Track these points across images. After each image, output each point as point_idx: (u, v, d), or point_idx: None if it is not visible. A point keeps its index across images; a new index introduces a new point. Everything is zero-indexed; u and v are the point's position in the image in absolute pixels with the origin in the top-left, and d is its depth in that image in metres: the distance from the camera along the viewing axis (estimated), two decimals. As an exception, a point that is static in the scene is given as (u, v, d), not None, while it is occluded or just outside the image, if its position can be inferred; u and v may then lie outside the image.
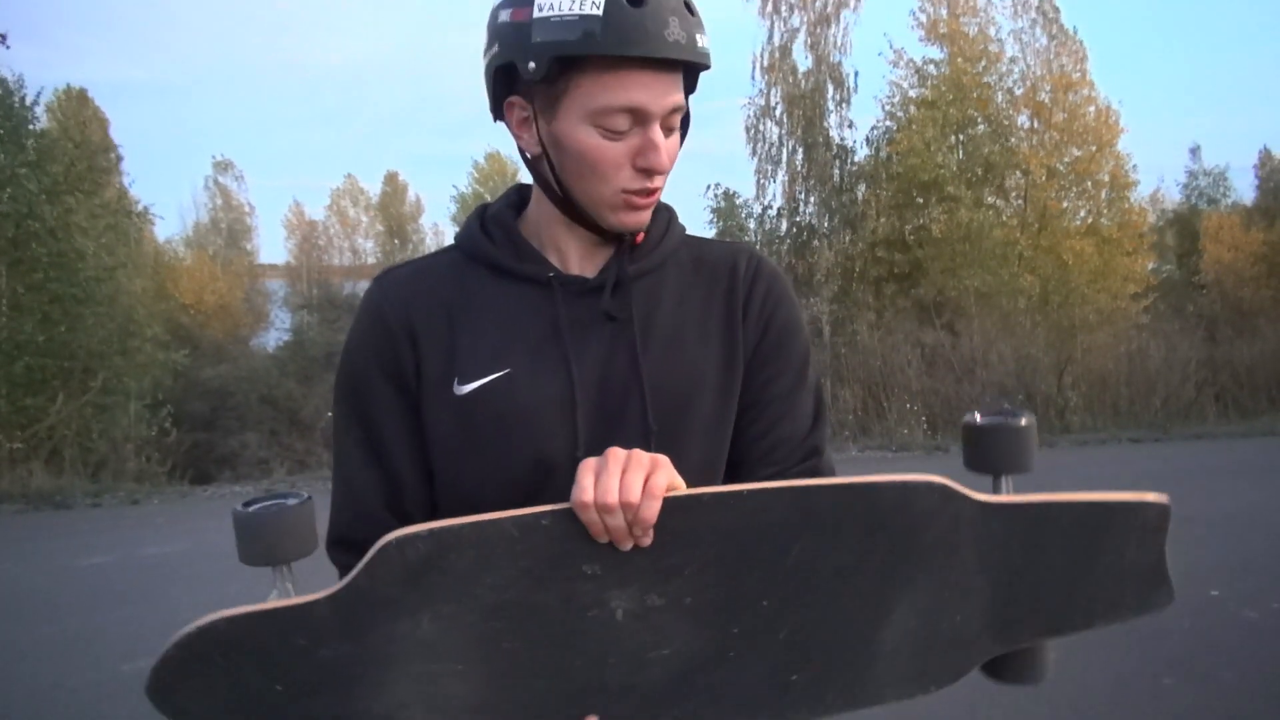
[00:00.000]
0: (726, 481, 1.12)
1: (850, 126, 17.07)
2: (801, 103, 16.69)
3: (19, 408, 10.23)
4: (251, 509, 0.95)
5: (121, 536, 6.99)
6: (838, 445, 11.26)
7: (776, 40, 17.01)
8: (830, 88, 16.91)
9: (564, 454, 1.02)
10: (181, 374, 14.16)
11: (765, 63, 17.05)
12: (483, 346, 1.04)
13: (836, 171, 16.89)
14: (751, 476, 1.08)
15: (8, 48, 11.46)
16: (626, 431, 1.03)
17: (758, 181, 17.17)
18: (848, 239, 16.37)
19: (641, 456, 0.85)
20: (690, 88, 1.02)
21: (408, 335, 1.04)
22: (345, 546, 1.06)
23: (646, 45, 0.92)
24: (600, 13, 0.91)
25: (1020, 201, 16.86)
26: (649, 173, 0.98)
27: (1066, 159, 16.91)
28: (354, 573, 0.85)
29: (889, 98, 17.07)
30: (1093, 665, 3.97)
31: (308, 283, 32.37)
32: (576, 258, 1.07)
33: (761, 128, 17.17)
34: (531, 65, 0.95)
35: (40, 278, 10.78)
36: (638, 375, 1.03)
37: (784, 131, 17.03)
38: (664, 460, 0.86)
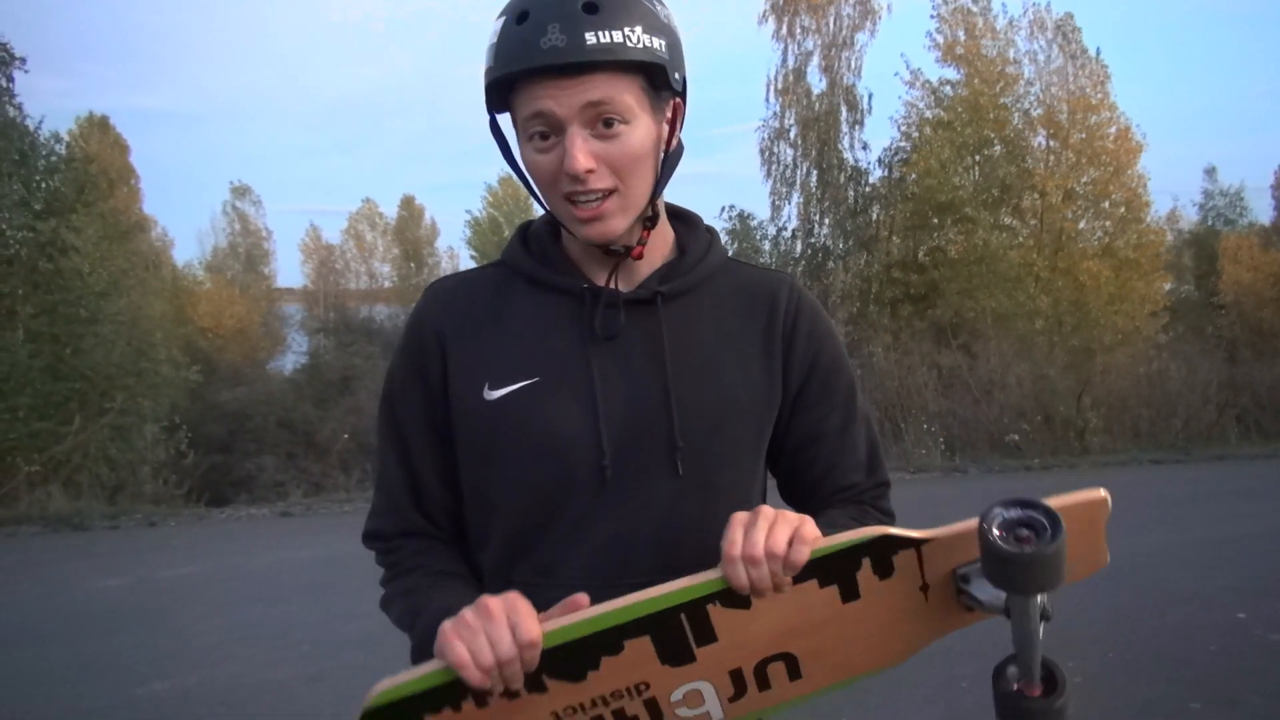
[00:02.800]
0: (797, 508, 1.15)
1: (865, 148, 17.13)
2: (816, 125, 16.75)
3: (34, 432, 10.29)
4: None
5: (139, 559, 7.00)
6: (854, 467, 11.17)
7: (790, 63, 17.13)
8: (844, 110, 16.96)
9: (588, 465, 1.03)
10: (199, 397, 14.23)
11: (779, 85, 17.14)
12: (515, 354, 1.06)
13: (851, 193, 16.92)
14: (827, 512, 1.10)
15: (26, 71, 11.68)
16: (653, 447, 1.03)
17: (772, 203, 17.25)
18: (863, 260, 16.35)
19: (789, 514, 0.90)
20: (660, 84, 1.00)
21: (439, 344, 1.09)
22: (374, 537, 1.14)
23: (523, 58, 0.95)
24: (496, 39, 0.98)
25: (1036, 223, 16.80)
26: (574, 176, 0.98)
27: (1084, 179, 16.85)
28: None
29: (904, 119, 17.11)
30: (1119, 691, 3.91)
31: (324, 306, 32.59)
32: (602, 270, 1.08)
33: (776, 150, 17.26)
34: (484, 99, 1.02)
35: (51, 300, 10.87)
36: (666, 392, 1.04)
37: (798, 153, 17.09)
38: (809, 520, 0.91)
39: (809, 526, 0.90)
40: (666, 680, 0.95)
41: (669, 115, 1.04)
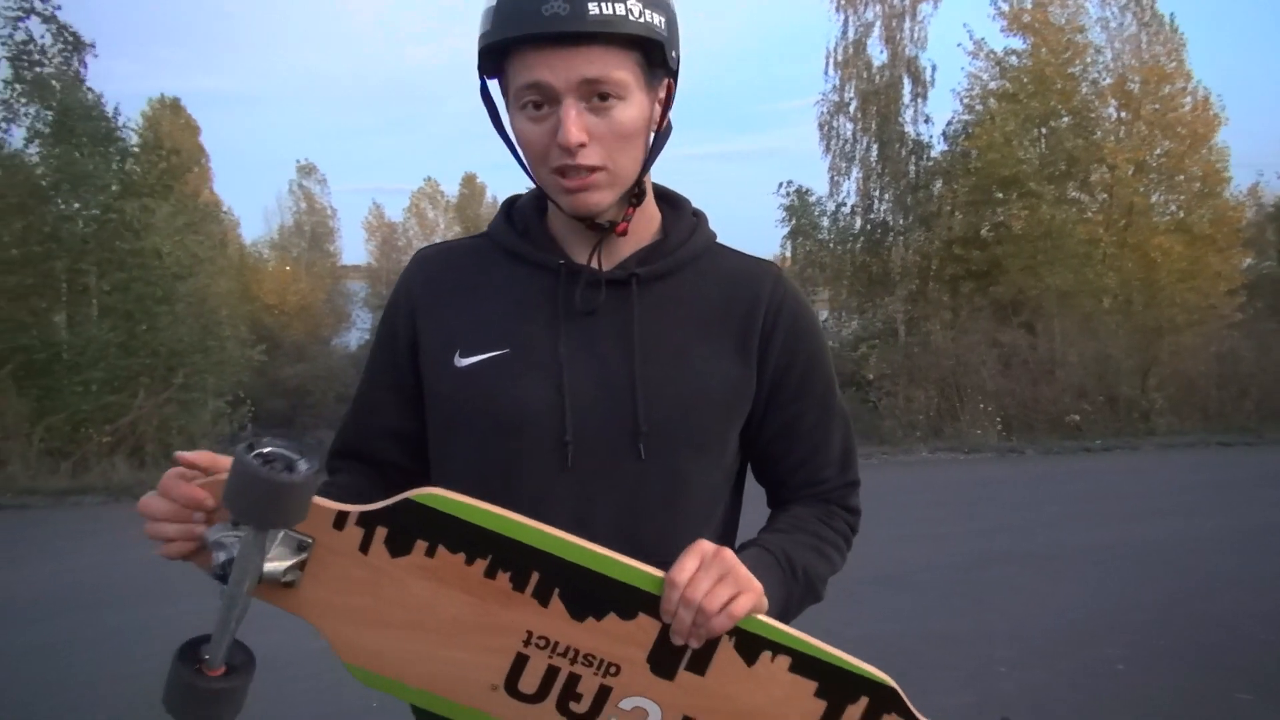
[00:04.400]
0: (770, 502, 1.19)
1: (927, 121, 16.73)
2: (876, 98, 16.41)
3: (105, 404, 10.66)
4: (262, 463, 0.82)
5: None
6: (908, 446, 11.04)
7: (851, 35, 16.79)
8: (907, 82, 16.59)
9: (550, 441, 1.03)
10: (262, 373, 14.60)
11: (839, 58, 16.82)
12: (489, 325, 1.07)
13: (912, 167, 16.56)
14: (795, 504, 1.15)
15: (95, 56, 12.01)
16: (617, 430, 1.03)
17: (831, 179, 16.96)
18: (923, 237, 16.01)
19: (740, 573, 0.92)
20: (657, 60, 0.99)
21: (411, 309, 1.12)
22: (330, 455, 1.19)
23: (522, 24, 0.93)
24: (495, 1, 0.96)
25: (1105, 197, 16.26)
26: (566, 149, 0.96)
27: (1157, 152, 16.25)
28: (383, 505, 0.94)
29: (967, 91, 16.64)
30: (1166, 679, 3.80)
31: (387, 284, 33.04)
32: (584, 247, 1.07)
33: (835, 124, 16.96)
34: (477, 62, 1.00)
35: (125, 278, 11.23)
36: (631, 374, 1.03)
37: (858, 128, 16.77)
38: (758, 587, 0.93)
39: (749, 600, 0.91)
40: (636, 680, 0.96)
41: (661, 94, 1.03)
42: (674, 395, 1.04)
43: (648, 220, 1.10)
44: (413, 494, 0.92)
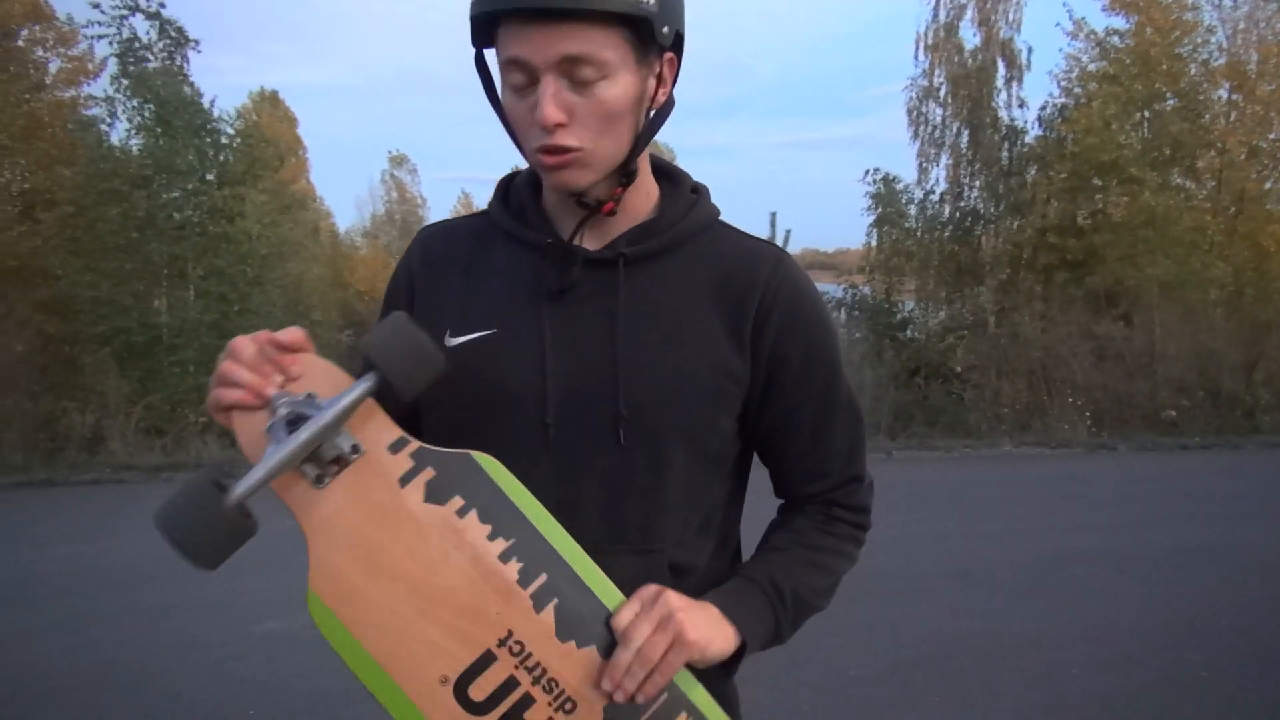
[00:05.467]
0: (776, 491, 1.16)
1: (1021, 106, 16.13)
2: (967, 82, 15.90)
3: (200, 384, 11.11)
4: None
5: (276, 506, 7.46)
6: (993, 440, 10.73)
7: (942, 18, 16.28)
8: (1000, 65, 16.02)
9: (532, 422, 1.01)
10: (351, 356, 15.01)
11: (929, 42, 16.35)
12: (480, 305, 1.05)
13: (1005, 153, 15.99)
14: (796, 501, 1.13)
15: (199, 51, 12.49)
16: (598, 414, 1.00)
17: (920, 165, 16.48)
18: (1015, 225, 15.47)
19: (679, 626, 0.91)
20: (649, 36, 0.95)
21: (409, 287, 1.11)
22: None
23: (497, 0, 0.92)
24: None
25: (1214, 183, 15.44)
26: (545, 128, 0.94)
27: (1272, 135, 15.35)
28: None
29: (1065, 73, 15.96)
30: (1250, 687, 3.60)
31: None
32: (574, 225, 1.05)
33: (924, 110, 16.48)
34: (470, 32, 0.99)
35: (219, 263, 11.69)
36: (613, 357, 1.00)
37: (948, 113, 16.28)
38: (696, 644, 0.92)
39: (681, 654, 0.91)
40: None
41: (659, 70, 0.99)
42: (659, 380, 1.00)
43: (643, 198, 1.06)
44: (474, 453, 0.92)
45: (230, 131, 12.79)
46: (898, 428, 11.56)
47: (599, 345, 1.01)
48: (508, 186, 1.13)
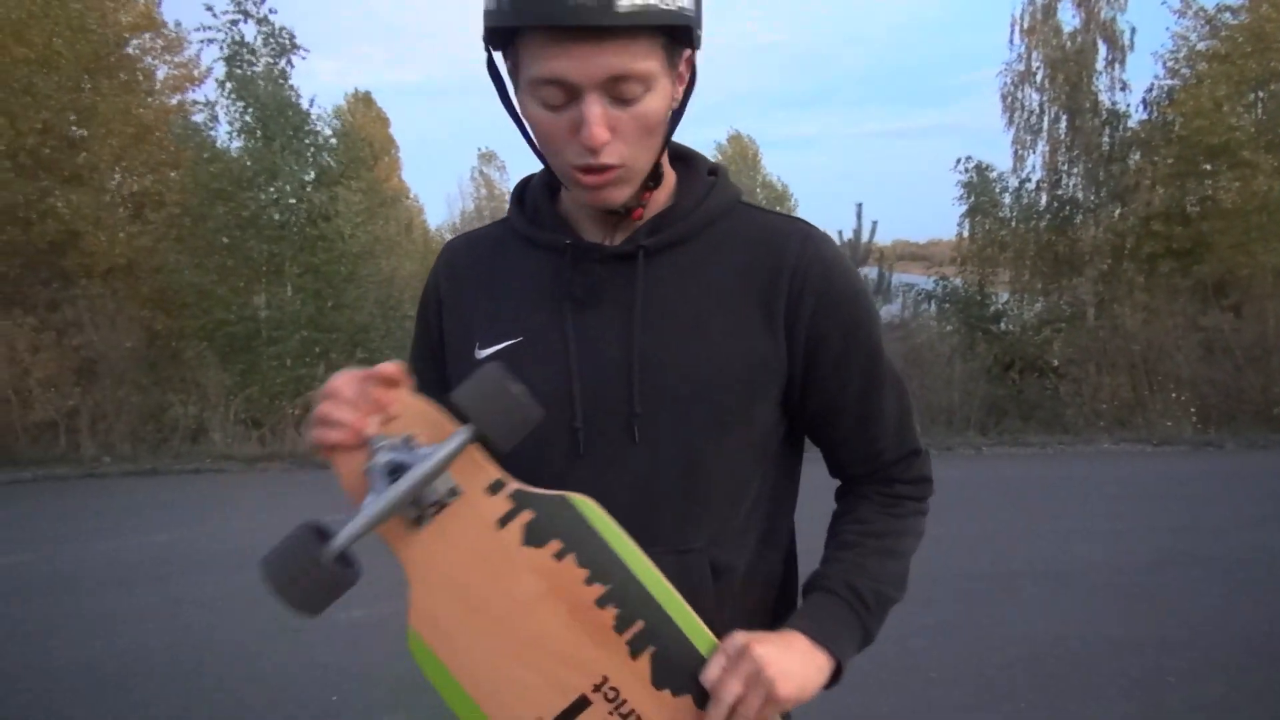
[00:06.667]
0: (831, 472, 1.12)
1: (1123, 89, 15.46)
2: (1066, 66, 15.31)
3: (298, 376, 11.48)
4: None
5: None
6: (1090, 436, 10.35)
7: (1039, 0, 15.72)
8: (1101, 47, 15.39)
9: (561, 427, 0.99)
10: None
11: (1025, 25, 15.81)
12: (505, 313, 1.04)
13: (1106, 139, 15.36)
14: (853, 484, 1.10)
15: (304, 58, 12.91)
16: (613, 414, 0.98)
17: (1015, 153, 15.95)
18: (1117, 213, 14.86)
19: (770, 683, 0.88)
20: (685, 41, 0.91)
21: (438, 301, 1.10)
22: None
23: (543, 13, 0.84)
24: None
25: (1334, 166, 14.55)
26: (591, 150, 0.89)
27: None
28: None
29: (1172, 53, 15.24)
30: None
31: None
32: (599, 225, 1.03)
33: (1020, 95, 15.94)
34: (482, 33, 0.93)
35: (316, 260, 12.06)
36: (629, 357, 0.97)
37: (1045, 98, 15.71)
38: (789, 700, 0.90)
39: (774, 708, 0.89)
40: None
41: (681, 69, 0.95)
42: (682, 373, 0.97)
43: (663, 187, 1.03)
44: (571, 495, 0.91)
45: (328, 132, 13.19)
46: (989, 423, 11.23)
47: (620, 343, 0.98)
48: (523, 191, 1.10)
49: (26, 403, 11.04)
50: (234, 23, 12.29)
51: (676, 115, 0.96)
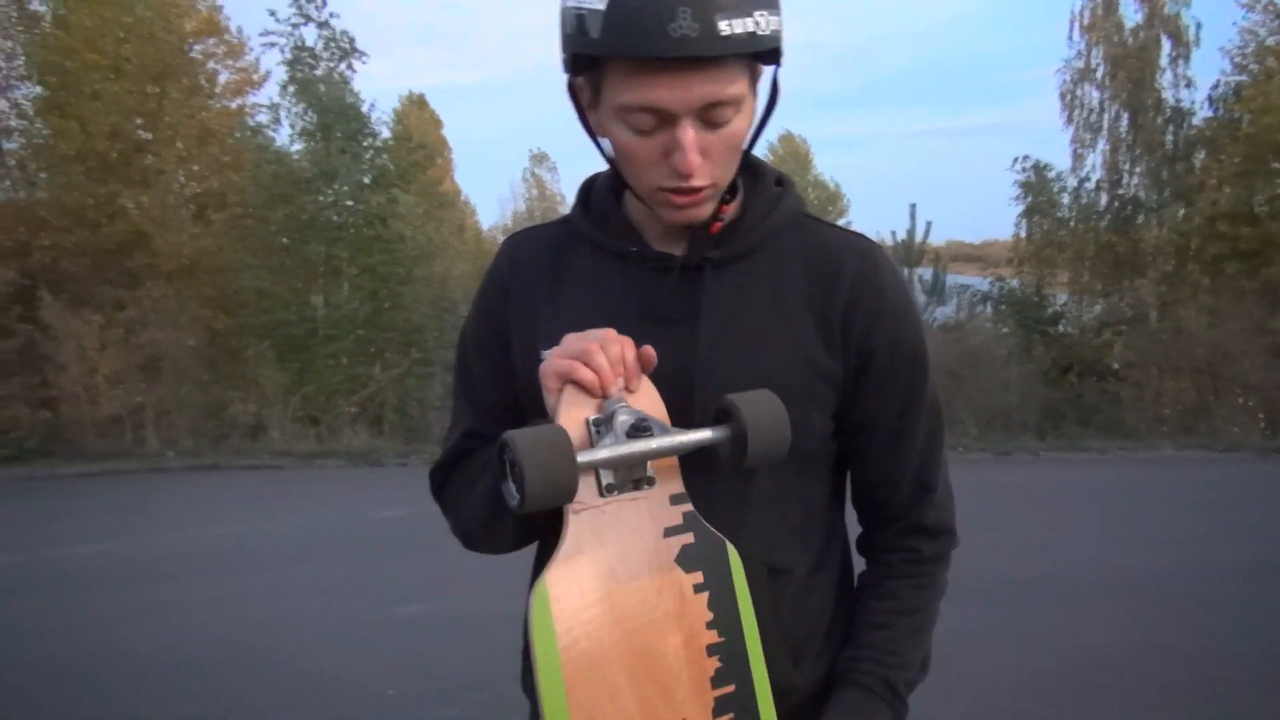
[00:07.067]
0: (853, 499, 1.12)
1: (1188, 86, 15.06)
2: (1127, 62, 14.96)
3: (354, 374, 11.66)
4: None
5: (420, 493, 7.75)
6: (1152, 443, 10.11)
7: (1100, -4, 15.38)
8: (1165, 42, 15.02)
9: None
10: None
11: (1085, 21, 15.47)
12: (568, 315, 1.03)
13: (1169, 137, 14.98)
14: (875, 534, 1.09)
15: (364, 63, 13.13)
16: (680, 421, 0.96)
17: (1074, 152, 15.62)
18: (1181, 213, 14.48)
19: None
20: (770, 60, 0.91)
21: (504, 298, 1.08)
22: (435, 469, 1.14)
23: (647, 44, 0.83)
24: (603, 6, 0.84)
25: None
26: (684, 175, 0.89)
27: None
28: None
29: (1240, 48, 14.81)
30: None
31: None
32: (666, 234, 1.02)
33: (1079, 93, 15.61)
34: (563, 57, 0.92)
35: (372, 261, 12.25)
36: (692, 367, 0.98)
37: (1106, 96, 15.37)
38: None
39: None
40: None
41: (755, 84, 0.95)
42: (746, 384, 0.96)
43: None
44: (729, 543, 0.94)
45: (387, 134, 13.40)
46: (1046, 427, 11.02)
47: (683, 353, 0.98)
48: (588, 192, 1.10)
49: (94, 399, 11.38)
50: (296, 27, 12.53)
51: (757, 130, 0.96)
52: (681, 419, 0.96)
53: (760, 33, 0.85)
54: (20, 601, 5.30)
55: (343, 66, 12.85)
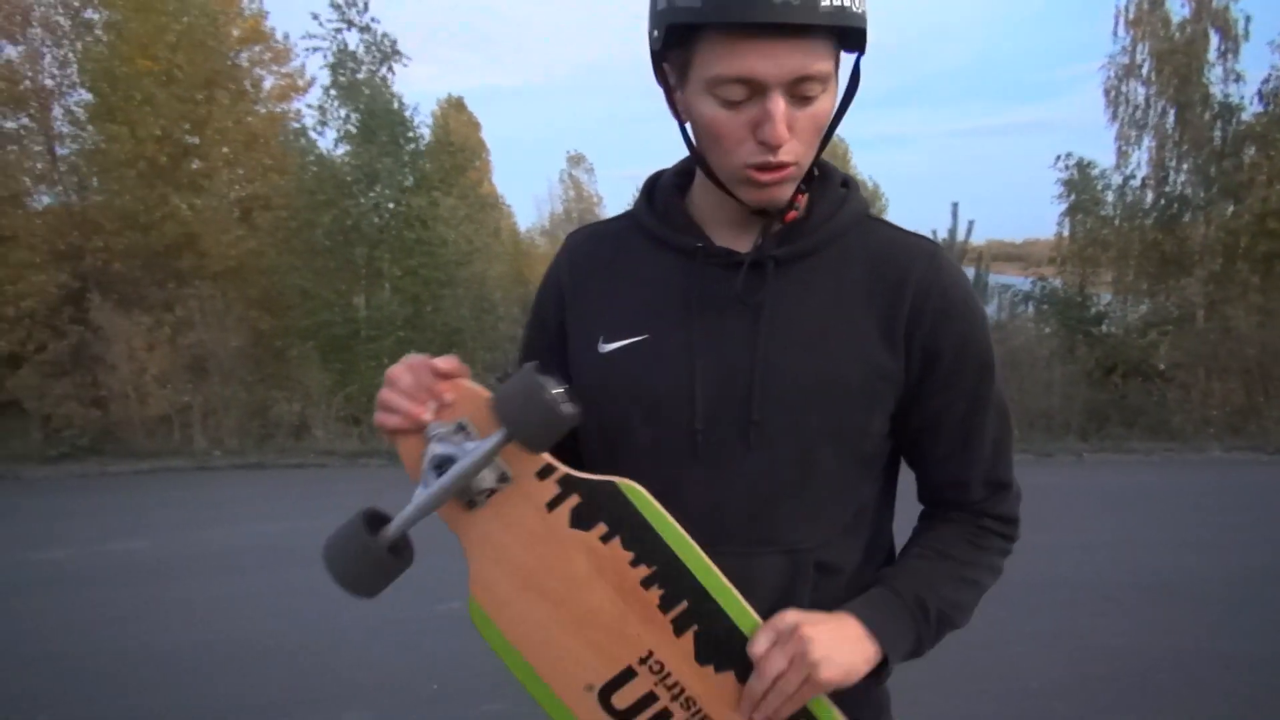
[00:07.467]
0: (919, 496, 1.13)
1: (1237, 80, 14.76)
2: (1174, 57, 14.70)
3: (394, 377, 11.79)
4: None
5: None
6: (1199, 444, 9.93)
7: (1146, -10, 15.13)
8: (1214, 36, 14.73)
9: (681, 428, 1.01)
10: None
11: (1130, 16, 15.24)
12: (629, 309, 1.05)
13: (1218, 133, 14.70)
14: (940, 507, 1.10)
15: (405, 65, 13.27)
16: (732, 419, 1.00)
17: (1118, 149, 15.38)
18: (1230, 211, 14.20)
19: (813, 665, 0.90)
20: (853, 45, 0.94)
21: (559, 294, 1.12)
22: None
23: (748, 10, 0.85)
24: None
25: None
26: (773, 147, 0.91)
27: None
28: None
29: (1291, 41, 14.51)
30: None
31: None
32: (731, 229, 1.04)
33: (1124, 89, 15.37)
34: (655, 33, 0.94)
35: (414, 264, 12.36)
36: (751, 363, 0.99)
37: (1151, 91, 15.11)
38: (830, 683, 0.92)
39: (811, 690, 0.92)
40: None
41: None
42: (804, 382, 0.98)
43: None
44: (619, 481, 0.96)
45: (428, 137, 13.51)
46: (1090, 428, 10.87)
47: (744, 349, 1.00)
48: (653, 187, 1.12)
49: (143, 398, 11.62)
50: (338, 31, 12.69)
51: (835, 119, 0.98)
52: (742, 415, 0.99)
53: (854, 9, 0.88)
54: (87, 592, 5.44)
55: (384, 70, 12.99)
